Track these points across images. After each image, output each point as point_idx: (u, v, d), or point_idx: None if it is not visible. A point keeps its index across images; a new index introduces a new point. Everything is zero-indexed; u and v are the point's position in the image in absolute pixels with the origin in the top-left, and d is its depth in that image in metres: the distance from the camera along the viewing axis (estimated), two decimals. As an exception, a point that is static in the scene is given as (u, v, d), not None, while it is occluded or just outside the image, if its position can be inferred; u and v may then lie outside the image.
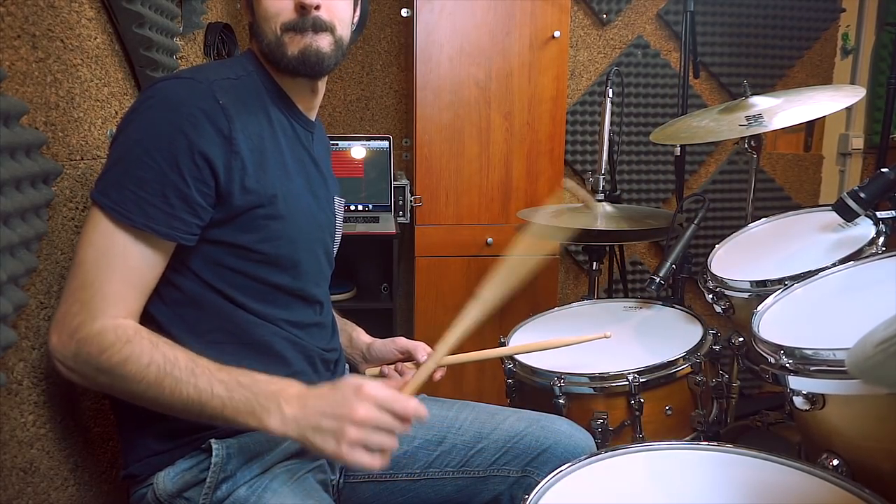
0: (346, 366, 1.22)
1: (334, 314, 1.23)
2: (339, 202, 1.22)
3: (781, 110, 1.54)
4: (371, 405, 0.82)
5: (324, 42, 1.00)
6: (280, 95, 1.06)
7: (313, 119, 1.13)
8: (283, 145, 1.03)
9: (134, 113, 0.91)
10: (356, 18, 1.11)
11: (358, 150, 2.32)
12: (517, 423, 1.13)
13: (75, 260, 0.88)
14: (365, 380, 0.85)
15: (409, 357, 1.23)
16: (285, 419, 0.83)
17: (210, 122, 0.90)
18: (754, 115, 1.55)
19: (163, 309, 0.95)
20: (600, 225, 1.69)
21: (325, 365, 1.10)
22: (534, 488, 0.86)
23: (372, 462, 0.82)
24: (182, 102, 0.90)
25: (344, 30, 1.03)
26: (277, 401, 0.83)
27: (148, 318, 0.93)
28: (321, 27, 0.99)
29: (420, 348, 1.22)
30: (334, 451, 0.81)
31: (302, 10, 0.97)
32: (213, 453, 0.93)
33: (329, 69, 1.03)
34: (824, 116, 1.61)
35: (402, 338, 1.25)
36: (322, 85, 1.11)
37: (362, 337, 1.29)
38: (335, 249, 1.21)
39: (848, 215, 1.30)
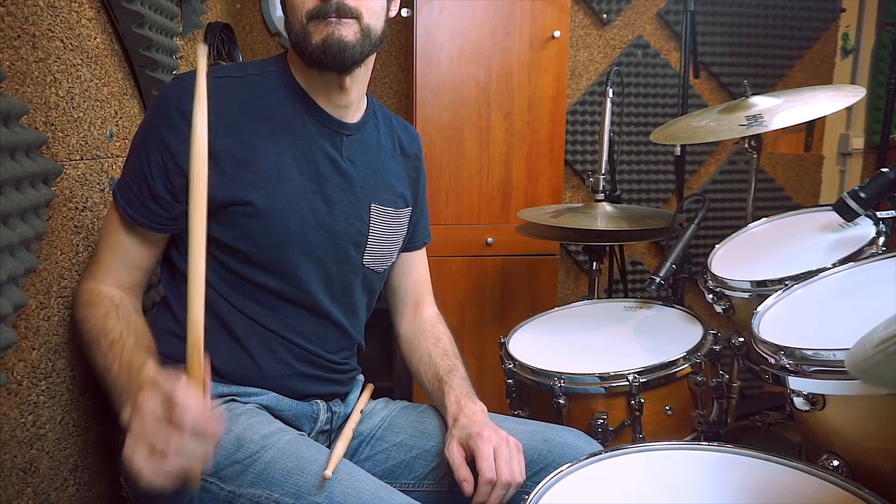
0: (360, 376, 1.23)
1: (447, 363, 1.16)
2: (382, 210, 1.15)
3: (782, 110, 1.54)
4: (179, 428, 0.70)
5: (348, 30, 0.96)
6: (299, 93, 1.05)
7: (349, 119, 1.09)
8: (285, 144, 1.03)
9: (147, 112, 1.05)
10: (394, 7, 1.07)
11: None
12: (520, 437, 1.04)
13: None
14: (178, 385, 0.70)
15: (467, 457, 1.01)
16: (126, 417, 0.78)
17: (185, 119, 0.85)
18: (755, 115, 1.55)
19: (167, 289, 1.07)
20: (600, 225, 1.69)
21: (325, 369, 1.12)
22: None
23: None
24: (164, 101, 0.98)
25: (373, 19, 0.99)
26: (133, 395, 0.79)
27: (162, 299, 1.08)
28: (346, 13, 0.96)
29: (486, 466, 0.97)
30: (147, 477, 0.69)
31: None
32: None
33: (355, 60, 0.99)
34: (824, 116, 1.60)
35: (484, 436, 0.99)
36: (353, 81, 1.05)
37: (451, 404, 1.10)
38: (379, 260, 1.16)
39: (848, 215, 1.30)
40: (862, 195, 1.27)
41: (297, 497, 0.88)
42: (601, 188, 1.86)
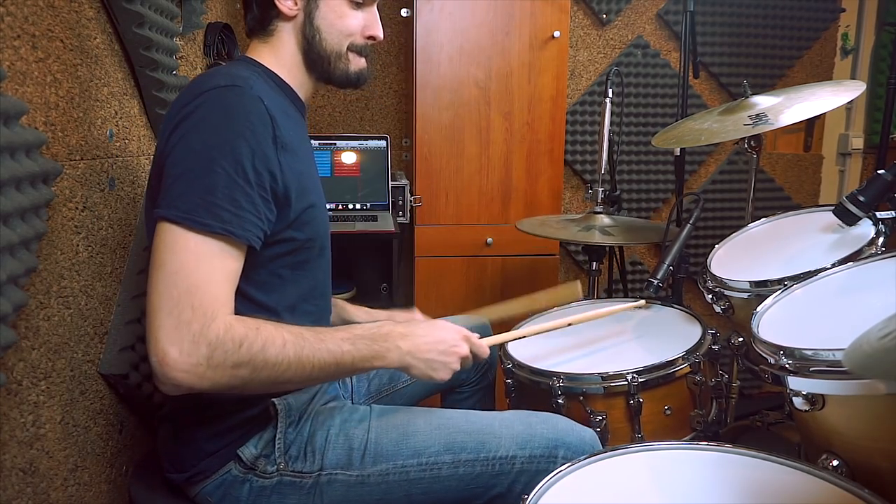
0: None
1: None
2: None
3: (785, 108, 1.53)
4: (468, 348, 1.07)
5: (369, 64, 1.17)
6: (283, 87, 1.12)
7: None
8: (299, 132, 1.10)
9: (188, 123, 0.93)
10: None
11: (355, 150, 2.32)
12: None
13: (161, 274, 0.88)
14: (455, 325, 1.08)
15: None
16: (401, 354, 1.00)
17: (263, 125, 0.95)
18: (758, 114, 1.55)
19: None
20: (598, 240, 1.71)
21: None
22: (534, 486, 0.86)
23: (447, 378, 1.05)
24: (237, 109, 0.94)
25: None
26: (393, 341, 1.00)
27: None
28: (370, 53, 1.17)
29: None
30: (436, 377, 1.04)
31: (371, 39, 1.14)
32: (278, 407, 1.04)
33: None
34: (824, 115, 1.61)
35: (399, 314, 1.39)
36: None
37: (357, 316, 1.38)
38: None
39: (848, 219, 1.30)
40: (861, 199, 1.28)
41: (418, 455, 1.05)
42: (599, 200, 1.87)
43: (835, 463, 0.92)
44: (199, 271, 0.88)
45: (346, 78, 1.13)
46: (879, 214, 1.29)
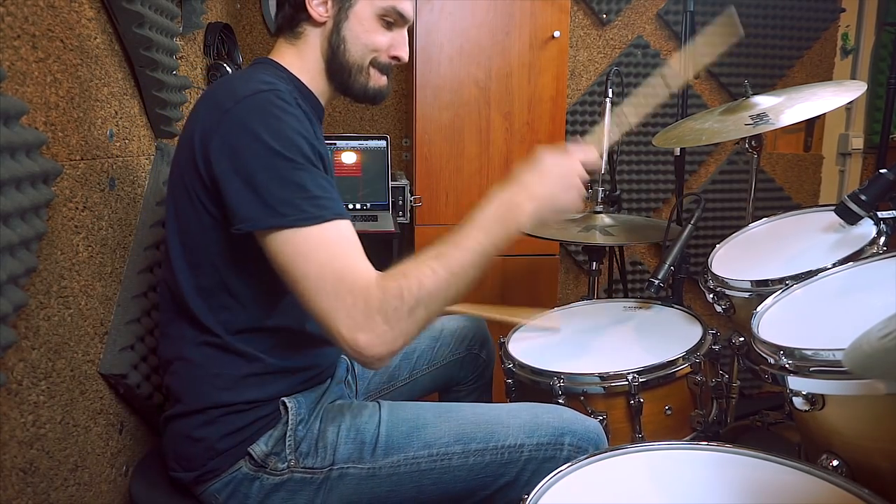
0: None
1: None
2: None
3: (786, 108, 1.53)
4: (579, 165, 1.06)
5: (389, 83, 1.18)
6: (304, 92, 1.13)
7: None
8: (321, 138, 1.12)
9: (243, 131, 0.94)
10: None
11: (356, 150, 2.32)
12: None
13: (303, 281, 0.91)
14: (552, 156, 1.05)
15: None
16: (531, 214, 1.00)
17: (306, 123, 0.99)
18: (759, 114, 1.55)
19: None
20: (599, 240, 1.71)
21: None
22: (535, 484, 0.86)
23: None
24: (285, 109, 0.96)
25: None
26: (516, 206, 1.00)
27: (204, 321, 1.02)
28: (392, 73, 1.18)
29: None
30: (574, 210, 1.06)
31: (395, 60, 1.15)
32: (288, 405, 1.05)
33: None
34: (824, 116, 1.61)
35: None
36: None
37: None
38: None
39: (850, 218, 1.30)
40: (863, 197, 1.27)
41: (428, 447, 1.05)
42: (599, 199, 1.87)
43: (835, 463, 0.92)
44: (335, 260, 0.91)
45: (363, 93, 1.14)
46: (881, 214, 1.29)
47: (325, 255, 0.91)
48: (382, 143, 2.32)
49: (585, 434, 1.08)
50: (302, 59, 1.12)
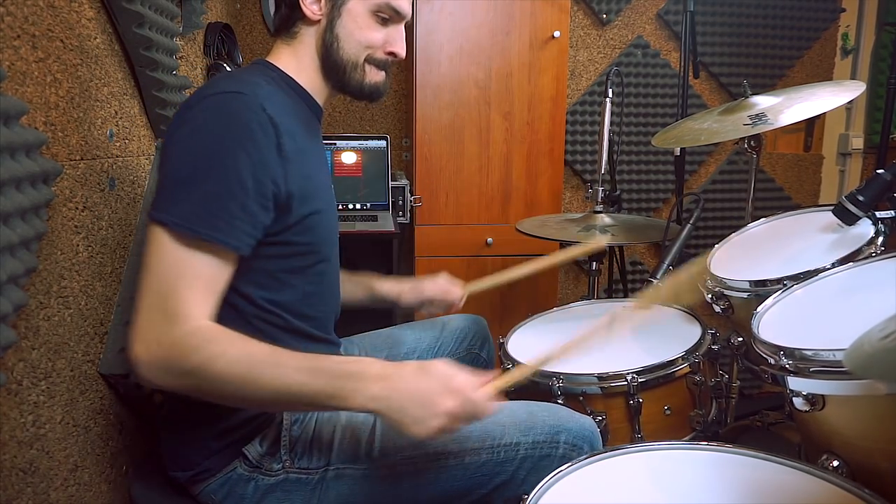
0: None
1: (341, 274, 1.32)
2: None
3: (785, 108, 1.53)
4: (458, 401, 0.89)
5: (387, 79, 1.17)
6: (299, 92, 1.12)
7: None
8: (312, 137, 1.11)
9: (187, 128, 0.94)
10: None
11: (356, 150, 2.32)
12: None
13: (146, 275, 0.89)
14: (454, 370, 0.91)
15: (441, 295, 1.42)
16: (371, 398, 0.88)
17: (265, 133, 0.95)
18: (758, 114, 1.55)
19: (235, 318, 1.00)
20: (598, 240, 1.72)
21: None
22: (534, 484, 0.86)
23: (437, 436, 0.90)
24: (238, 117, 0.94)
25: None
26: (362, 381, 0.89)
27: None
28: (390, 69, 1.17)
29: (450, 289, 1.43)
30: (416, 433, 0.88)
31: (392, 56, 1.14)
32: None
33: None
34: (824, 116, 1.61)
35: (426, 282, 1.42)
36: None
37: (384, 289, 1.40)
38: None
39: (848, 219, 1.30)
40: (860, 198, 1.27)
41: (424, 446, 1.03)
42: (599, 199, 1.87)
43: (835, 463, 0.92)
44: (178, 277, 0.89)
45: (360, 89, 1.13)
46: (879, 214, 1.29)
47: (171, 267, 0.89)
48: (382, 143, 2.32)
49: (581, 432, 1.09)
50: (297, 59, 1.12)
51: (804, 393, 0.93)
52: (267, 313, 1.03)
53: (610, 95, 1.84)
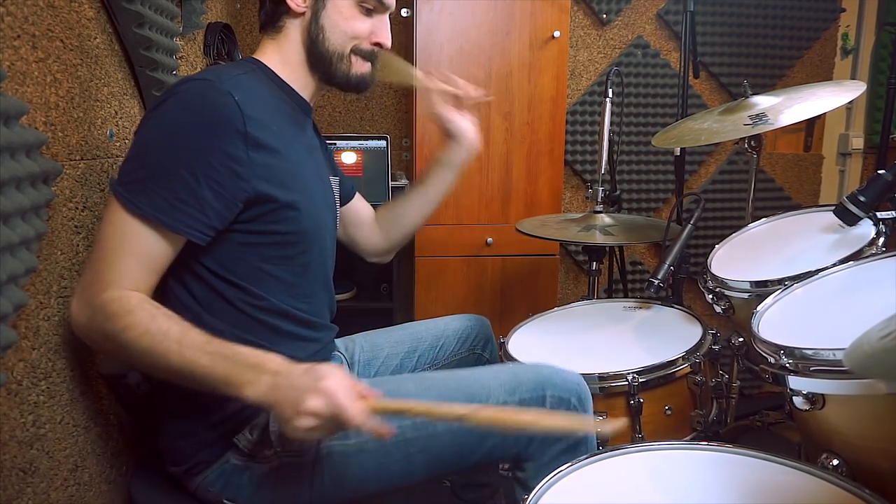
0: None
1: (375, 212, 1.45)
2: (334, 181, 1.29)
3: (785, 108, 1.53)
4: (322, 402, 0.85)
5: (373, 70, 1.17)
6: (283, 87, 1.12)
7: (310, 102, 1.20)
8: (293, 132, 1.11)
9: (155, 112, 0.97)
10: None
11: (356, 150, 2.32)
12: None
13: (96, 238, 0.96)
14: (337, 375, 0.87)
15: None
16: (260, 391, 0.88)
17: (227, 121, 0.96)
18: (758, 114, 1.55)
19: (195, 297, 1.03)
20: (598, 239, 1.71)
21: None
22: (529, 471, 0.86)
23: (309, 437, 0.89)
24: (201, 104, 0.95)
25: None
26: (257, 373, 0.88)
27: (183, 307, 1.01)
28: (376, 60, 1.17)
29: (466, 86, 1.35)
30: (286, 431, 0.88)
31: (378, 46, 1.14)
32: None
33: None
34: (824, 116, 1.60)
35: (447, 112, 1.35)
36: None
37: (426, 174, 1.42)
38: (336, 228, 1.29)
39: (849, 219, 1.30)
40: (861, 198, 1.28)
41: (418, 429, 1.04)
42: (600, 199, 1.87)
43: (835, 463, 0.92)
44: (116, 246, 0.93)
45: (346, 80, 1.14)
46: (880, 214, 1.29)
47: (115, 239, 0.93)
48: (382, 143, 2.32)
49: (565, 385, 1.09)
50: (282, 53, 1.12)
51: (804, 392, 0.93)
52: (257, 301, 1.05)
53: (610, 95, 1.84)
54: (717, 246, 1.54)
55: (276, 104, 1.09)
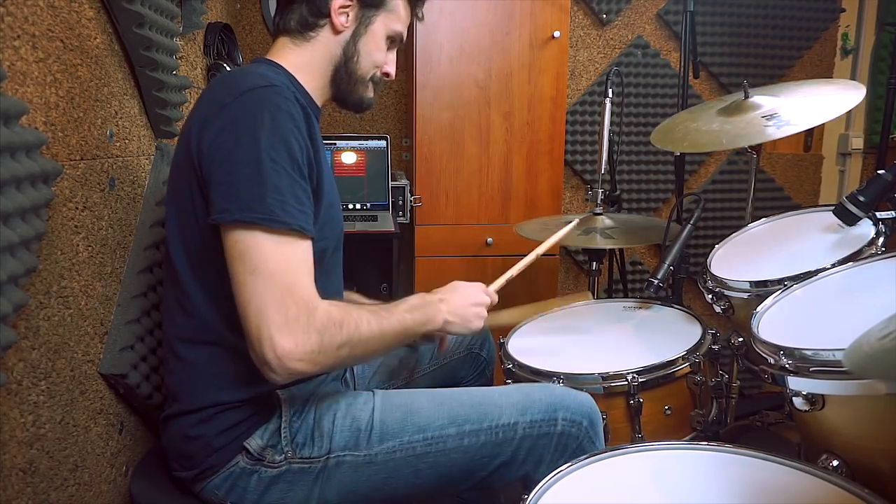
0: None
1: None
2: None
3: (795, 110, 1.52)
4: (481, 294, 1.18)
5: (376, 96, 1.24)
6: (301, 91, 1.14)
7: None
8: (316, 136, 1.12)
9: (234, 125, 0.95)
10: None
11: (356, 150, 2.32)
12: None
13: (255, 277, 0.91)
14: (459, 282, 1.19)
15: None
16: (444, 315, 1.11)
17: (302, 122, 1.00)
18: (769, 114, 1.54)
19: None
20: (598, 243, 1.71)
21: None
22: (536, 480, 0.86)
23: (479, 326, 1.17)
24: (282, 108, 0.97)
25: None
26: (435, 305, 1.11)
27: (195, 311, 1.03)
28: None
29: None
30: (472, 328, 1.16)
31: (385, 76, 1.22)
32: (282, 397, 1.07)
33: None
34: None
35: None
36: None
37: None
38: None
39: (849, 219, 1.30)
40: (861, 199, 1.28)
41: (423, 430, 1.07)
42: (599, 200, 1.87)
43: (835, 463, 0.92)
44: (291, 269, 0.93)
45: (359, 102, 1.20)
46: (879, 214, 1.29)
47: (281, 261, 0.92)
48: (382, 143, 2.32)
49: (578, 408, 1.10)
50: (307, 60, 1.14)
51: (804, 393, 0.93)
52: None
53: (610, 95, 1.84)
54: (716, 246, 1.54)
55: (307, 105, 1.11)
